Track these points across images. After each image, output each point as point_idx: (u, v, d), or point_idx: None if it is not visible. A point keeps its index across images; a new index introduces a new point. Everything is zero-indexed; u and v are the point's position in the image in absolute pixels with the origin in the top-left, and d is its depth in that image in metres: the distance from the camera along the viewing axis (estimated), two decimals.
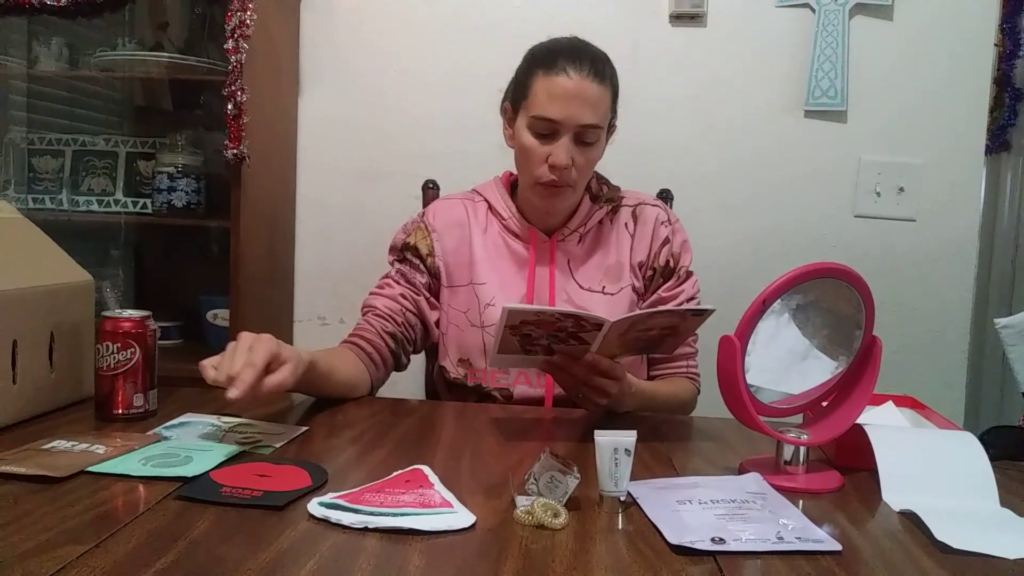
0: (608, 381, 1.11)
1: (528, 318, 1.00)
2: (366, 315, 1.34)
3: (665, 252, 1.37)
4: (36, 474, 0.82)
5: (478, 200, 1.41)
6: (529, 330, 1.03)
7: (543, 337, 1.05)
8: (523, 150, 1.28)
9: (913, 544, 0.76)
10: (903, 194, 2.05)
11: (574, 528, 0.75)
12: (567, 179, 1.26)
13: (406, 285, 1.35)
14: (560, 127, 1.23)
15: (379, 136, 2.10)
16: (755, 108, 2.05)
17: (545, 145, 1.25)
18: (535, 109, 1.25)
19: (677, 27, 2.04)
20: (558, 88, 1.22)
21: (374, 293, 1.36)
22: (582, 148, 1.26)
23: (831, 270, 0.92)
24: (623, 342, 1.10)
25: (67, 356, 1.11)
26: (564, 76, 1.22)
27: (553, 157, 1.24)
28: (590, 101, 1.23)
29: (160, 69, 1.90)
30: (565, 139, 1.24)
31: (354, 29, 2.09)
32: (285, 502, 0.77)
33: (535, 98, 1.25)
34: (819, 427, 0.97)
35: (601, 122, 1.25)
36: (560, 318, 1.01)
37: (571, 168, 1.25)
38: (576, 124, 1.23)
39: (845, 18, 1.99)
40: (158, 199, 1.91)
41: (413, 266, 1.36)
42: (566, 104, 1.22)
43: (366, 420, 1.13)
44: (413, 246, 1.37)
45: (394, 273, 1.37)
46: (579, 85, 1.22)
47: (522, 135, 1.28)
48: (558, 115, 1.23)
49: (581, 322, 1.02)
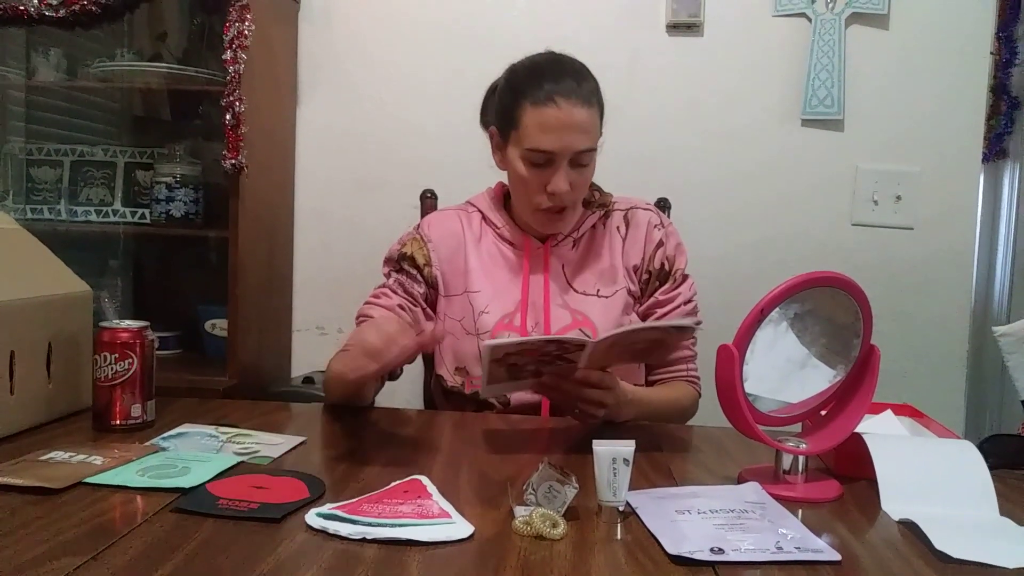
0: (601, 392, 1.11)
1: (511, 350, 1.00)
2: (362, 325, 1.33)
3: (659, 255, 1.37)
4: (33, 485, 0.81)
5: (472, 211, 1.42)
6: (514, 360, 1.03)
7: (530, 363, 1.05)
8: (520, 179, 1.29)
9: (912, 553, 0.76)
10: (901, 202, 2.05)
11: (572, 538, 0.75)
12: (566, 202, 1.27)
13: (404, 296, 1.35)
14: (556, 157, 1.24)
15: (377, 146, 2.10)
16: (752, 117, 2.05)
17: (542, 174, 1.26)
18: (528, 142, 1.25)
19: (674, 37, 2.05)
20: (550, 120, 1.22)
21: (370, 303, 1.35)
22: (578, 170, 1.27)
23: (829, 279, 0.92)
24: (610, 355, 1.10)
25: (65, 367, 1.11)
26: (553, 107, 1.22)
27: (552, 186, 1.25)
28: (582, 127, 1.23)
29: (159, 79, 1.91)
30: (562, 167, 1.24)
31: (352, 39, 2.10)
32: (282, 515, 0.77)
33: (527, 131, 1.25)
34: (818, 436, 0.97)
35: (594, 144, 1.27)
36: (542, 345, 1.01)
37: (570, 192, 1.26)
38: (571, 152, 1.24)
39: (841, 27, 2.00)
40: (156, 209, 1.91)
41: (411, 276, 1.36)
42: (560, 135, 1.22)
43: (364, 430, 1.12)
44: (410, 256, 1.37)
45: (392, 283, 1.36)
46: (569, 114, 1.22)
47: (516, 165, 1.28)
48: (553, 146, 1.23)
49: (564, 345, 1.02)
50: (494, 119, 1.35)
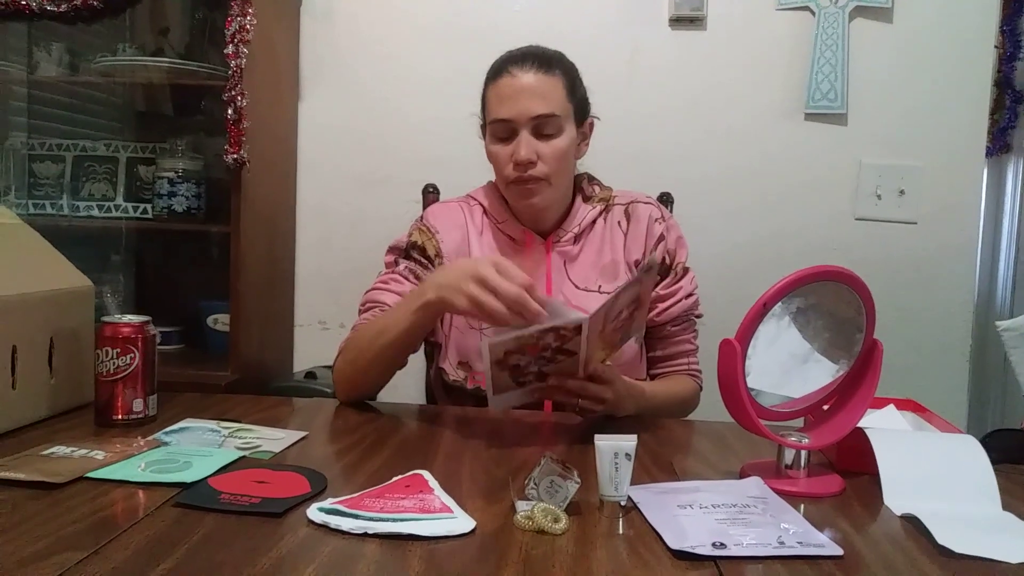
0: (602, 387, 1.11)
1: (509, 347, 1.00)
2: (373, 310, 1.29)
3: (660, 249, 1.37)
4: (35, 480, 0.81)
5: (473, 204, 1.42)
6: (516, 360, 1.03)
7: (532, 363, 1.04)
8: (491, 156, 1.33)
9: (915, 548, 0.76)
10: (904, 197, 2.04)
11: (574, 533, 0.75)
12: (536, 173, 1.27)
13: (415, 282, 1.32)
14: (515, 124, 1.27)
15: (379, 140, 2.10)
16: (755, 111, 2.05)
17: (507, 146, 1.29)
18: (490, 115, 1.30)
19: (677, 31, 2.04)
20: (504, 89, 1.27)
21: (379, 290, 1.32)
22: (545, 140, 1.28)
23: (832, 273, 0.91)
24: (605, 339, 1.10)
25: (67, 361, 1.11)
26: (507, 76, 1.27)
27: (515, 154, 1.27)
28: (538, 92, 1.26)
29: (160, 74, 1.90)
30: (523, 134, 1.27)
31: (354, 34, 2.09)
32: (284, 509, 0.77)
33: (489, 107, 1.31)
34: (820, 431, 0.97)
35: (556, 110, 1.27)
36: (539, 336, 1.00)
37: (537, 162, 1.26)
38: (527, 117, 1.26)
39: (845, 21, 1.99)
40: (158, 204, 1.91)
41: (422, 265, 1.34)
42: (514, 101, 1.26)
43: (366, 425, 1.12)
44: (420, 246, 1.36)
45: (403, 270, 1.34)
46: (522, 80, 1.27)
47: (488, 144, 1.33)
48: (508, 113, 1.27)
49: (561, 332, 1.01)
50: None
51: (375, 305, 1.30)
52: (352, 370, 1.23)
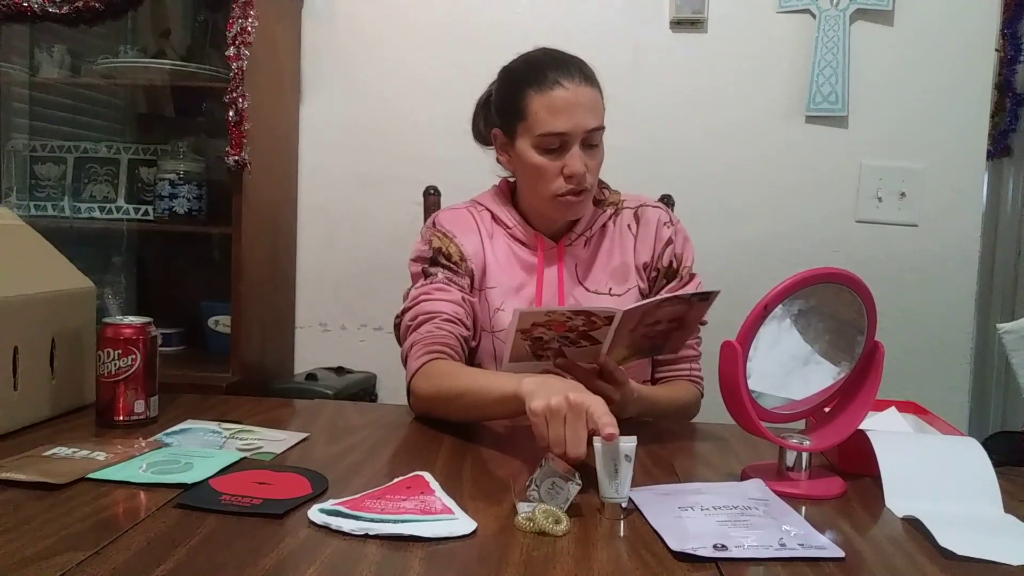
0: (610, 387, 1.11)
1: (539, 320, 1.00)
2: (432, 320, 1.25)
3: (668, 253, 1.37)
4: (37, 481, 0.82)
5: (481, 209, 1.41)
6: (540, 333, 1.03)
7: (554, 340, 1.04)
8: (534, 170, 1.28)
9: (917, 551, 0.76)
10: (905, 199, 2.04)
11: (575, 535, 0.75)
12: (585, 184, 1.27)
13: (460, 288, 1.30)
14: (569, 138, 1.24)
15: (380, 142, 2.10)
16: (756, 113, 2.05)
17: (556, 160, 1.26)
18: (540, 128, 1.24)
19: (678, 33, 2.04)
20: (558, 102, 1.23)
21: (426, 300, 1.27)
22: (590, 152, 1.27)
23: (833, 275, 0.91)
24: (632, 341, 1.10)
25: (68, 363, 1.11)
26: (560, 88, 1.23)
27: (570, 167, 1.24)
28: (589, 105, 1.25)
29: (162, 76, 1.91)
30: (576, 148, 1.25)
31: (355, 35, 2.09)
32: (285, 510, 0.77)
33: (536, 117, 1.25)
34: (821, 433, 0.97)
35: (602, 122, 1.27)
36: (571, 316, 1.01)
37: (586, 173, 1.26)
38: (583, 130, 1.24)
39: (846, 23, 1.99)
40: (160, 206, 1.91)
41: (455, 272, 1.32)
42: (570, 115, 1.23)
43: (367, 426, 1.12)
44: (446, 252, 1.33)
45: (442, 279, 1.30)
46: (576, 93, 1.23)
47: (529, 156, 1.27)
48: (565, 127, 1.23)
49: (592, 318, 1.01)
50: (496, 120, 1.34)
51: (432, 316, 1.25)
52: (429, 407, 1.19)
